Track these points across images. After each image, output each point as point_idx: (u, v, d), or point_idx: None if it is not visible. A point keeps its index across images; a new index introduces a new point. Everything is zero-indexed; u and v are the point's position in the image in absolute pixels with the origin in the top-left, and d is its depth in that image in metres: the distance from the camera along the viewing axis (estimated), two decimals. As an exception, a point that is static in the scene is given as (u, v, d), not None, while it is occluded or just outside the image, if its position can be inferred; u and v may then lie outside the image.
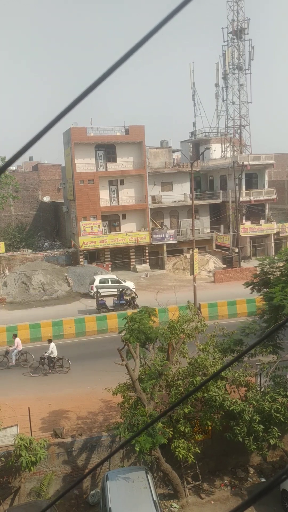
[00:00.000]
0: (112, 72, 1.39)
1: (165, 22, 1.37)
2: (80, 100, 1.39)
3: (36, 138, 1.51)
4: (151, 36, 1.36)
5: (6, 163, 1.62)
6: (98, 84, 1.37)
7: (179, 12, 1.58)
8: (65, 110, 1.43)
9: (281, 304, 14.35)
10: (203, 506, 12.88)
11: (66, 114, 1.42)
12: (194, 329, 14.07)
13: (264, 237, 44.19)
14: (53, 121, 1.46)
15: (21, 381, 19.21)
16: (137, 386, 11.72)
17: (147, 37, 1.36)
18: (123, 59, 1.36)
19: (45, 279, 34.54)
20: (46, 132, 1.45)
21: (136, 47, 1.37)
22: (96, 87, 1.38)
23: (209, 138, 52.12)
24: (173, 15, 1.37)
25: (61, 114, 1.41)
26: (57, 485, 13.38)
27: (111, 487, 11.23)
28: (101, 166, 41.40)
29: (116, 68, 1.41)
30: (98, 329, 25.44)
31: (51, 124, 1.43)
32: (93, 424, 15.08)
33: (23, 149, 1.52)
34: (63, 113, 1.41)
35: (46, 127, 1.45)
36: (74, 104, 1.40)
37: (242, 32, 48.46)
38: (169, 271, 40.72)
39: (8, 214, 52.45)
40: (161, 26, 1.35)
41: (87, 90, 1.37)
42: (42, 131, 1.47)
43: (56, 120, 1.45)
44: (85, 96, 1.39)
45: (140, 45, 1.36)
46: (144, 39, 1.41)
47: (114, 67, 1.41)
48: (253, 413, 12.13)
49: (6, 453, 12.80)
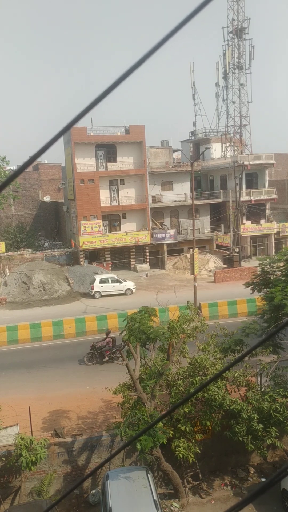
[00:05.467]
0: (119, 84, 1.41)
1: (172, 35, 1.40)
2: (86, 112, 1.41)
3: (42, 150, 1.53)
4: (157, 49, 1.38)
5: (13, 174, 1.64)
6: (103, 97, 1.39)
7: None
8: (72, 122, 1.45)
9: (281, 304, 14.38)
10: (203, 505, 12.91)
11: (73, 125, 1.45)
12: (194, 329, 14.10)
13: (264, 237, 44.21)
14: (60, 133, 1.48)
15: (21, 381, 19.24)
16: (138, 386, 11.75)
17: (154, 49, 1.38)
18: (130, 70, 1.38)
19: (45, 279, 34.56)
20: (53, 144, 1.47)
21: (144, 58, 1.39)
22: (101, 99, 1.40)
23: (210, 137, 52.13)
24: (179, 27, 1.40)
25: (68, 126, 1.44)
26: (58, 485, 13.42)
27: (112, 486, 11.26)
28: (101, 165, 41.41)
29: (123, 80, 1.43)
30: (98, 328, 25.45)
31: (57, 136, 1.45)
32: (93, 423, 15.11)
33: (30, 160, 1.54)
34: (70, 124, 1.44)
35: (52, 139, 1.48)
36: (80, 116, 1.43)
37: (242, 32, 48.47)
38: (169, 271, 40.75)
39: (9, 214, 52.48)
40: (166, 39, 1.37)
41: (93, 102, 1.39)
42: (49, 142, 1.49)
43: (64, 131, 1.47)
44: (90, 108, 1.41)
45: (147, 57, 1.38)
46: (151, 51, 1.44)
47: (120, 79, 1.43)
48: (252, 412, 12.17)
49: (7, 453, 12.84)
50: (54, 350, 23.24)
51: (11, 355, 22.71)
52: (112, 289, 33.28)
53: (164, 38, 1.45)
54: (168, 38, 1.44)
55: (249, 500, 2.09)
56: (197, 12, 1.43)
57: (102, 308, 29.15)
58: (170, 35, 1.44)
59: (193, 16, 1.44)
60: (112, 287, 33.31)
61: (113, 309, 28.19)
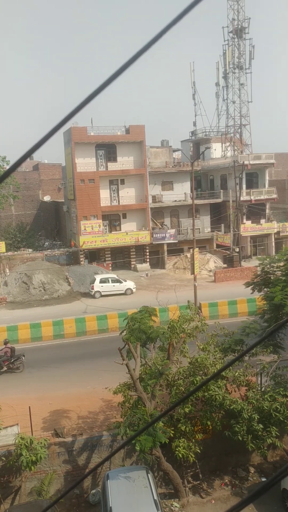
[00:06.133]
0: (116, 77, 1.40)
1: (169, 28, 1.38)
2: (82, 106, 1.40)
3: (39, 144, 1.52)
4: (155, 42, 1.37)
5: (8, 170, 1.63)
6: (101, 90, 1.38)
7: (179, 13, 1.59)
8: (68, 116, 1.44)
9: (281, 304, 14.38)
10: (203, 505, 12.90)
11: (68, 120, 1.43)
12: (194, 328, 14.09)
13: (264, 237, 44.20)
14: (56, 127, 1.47)
15: (22, 381, 19.24)
16: (138, 386, 11.74)
17: (151, 42, 1.37)
18: (127, 64, 1.37)
19: (45, 279, 34.56)
20: (49, 138, 1.46)
21: (141, 52, 1.38)
22: (99, 93, 1.39)
23: (210, 137, 52.13)
24: (177, 20, 1.38)
25: (64, 120, 1.42)
26: (58, 485, 13.41)
27: (112, 486, 11.25)
28: (101, 165, 41.41)
29: (120, 74, 1.42)
30: (98, 328, 25.46)
31: (54, 130, 1.44)
32: (93, 423, 15.10)
33: (26, 155, 1.53)
34: (66, 119, 1.43)
35: (48, 133, 1.47)
36: (76, 110, 1.41)
37: (242, 31, 48.49)
38: (169, 271, 40.74)
39: (9, 214, 52.47)
40: (165, 31, 1.36)
41: (89, 96, 1.38)
42: (45, 137, 1.48)
43: (60, 125, 1.46)
44: (87, 102, 1.40)
45: (144, 50, 1.37)
46: (148, 44, 1.43)
47: (118, 72, 1.42)
48: (252, 412, 12.16)
49: (7, 453, 12.84)
50: (54, 350, 23.23)
51: (11, 355, 22.67)
52: (112, 289, 33.28)
53: (162, 31, 1.43)
54: (165, 31, 1.43)
55: (250, 500, 2.07)
56: (194, 5, 1.42)
57: (102, 308, 29.15)
58: (167, 29, 1.43)
59: (191, 9, 1.42)
60: (112, 287, 33.31)
61: (113, 309, 28.20)
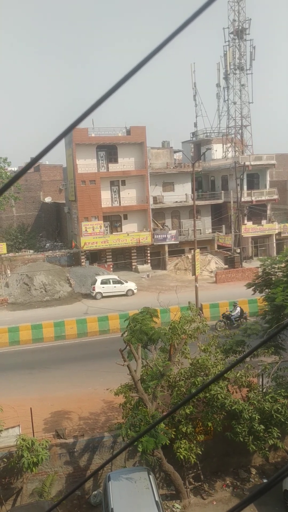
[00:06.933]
0: (120, 86, 1.42)
1: (174, 36, 1.40)
2: (86, 115, 1.41)
3: (42, 154, 1.54)
4: (158, 51, 1.39)
5: (12, 179, 1.64)
6: (105, 99, 1.40)
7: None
8: (74, 124, 1.46)
9: (283, 305, 14.37)
10: (205, 506, 12.90)
11: (72, 129, 1.45)
12: (195, 329, 14.10)
13: (265, 238, 44.19)
14: (59, 136, 1.48)
15: (23, 382, 19.26)
16: (139, 387, 11.75)
17: (155, 51, 1.39)
18: (131, 72, 1.38)
19: (46, 280, 34.59)
20: (54, 145, 1.48)
21: (145, 61, 1.40)
22: (102, 102, 1.40)
23: (211, 138, 52.13)
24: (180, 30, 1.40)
25: (69, 128, 1.44)
26: (59, 486, 13.42)
27: (113, 487, 11.25)
28: (102, 166, 41.43)
29: (124, 83, 1.43)
30: (100, 329, 25.49)
31: (57, 139, 1.46)
32: (95, 424, 15.11)
33: (32, 162, 1.55)
34: (70, 128, 1.44)
35: (52, 143, 1.48)
36: (80, 120, 1.43)
37: (243, 32, 48.56)
38: (170, 272, 40.74)
39: (10, 215, 52.51)
40: (169, 40, 1.38)
41: (93, 105, 1.40)
42: (48, 146, 1.50)
43: (63, 135, 1.48)
44: (91, 111, 1.41)
45: (148, 59, 1.39)
46: (152, 53, 1.44)
47: (122, 81, 1.43)
48: (253, 413, 12.15)
49: (8, 454, 12.84)
50: (56, 351, 23.25)
51: (13, 356, 22.74)
52: (114, 290, 33.30)
53: (165, 40, 1.45)
54: (169, 40, 1.44)
55: (251, 500, 2.07)
56: (198, 15, 1.44)
57: (104, 309, 29.16)
58: (171, 37, 1.45)
59: (194, 18, 1.44)
60: (114, 288, 33.32)
61: (115, 310, 28.22)
